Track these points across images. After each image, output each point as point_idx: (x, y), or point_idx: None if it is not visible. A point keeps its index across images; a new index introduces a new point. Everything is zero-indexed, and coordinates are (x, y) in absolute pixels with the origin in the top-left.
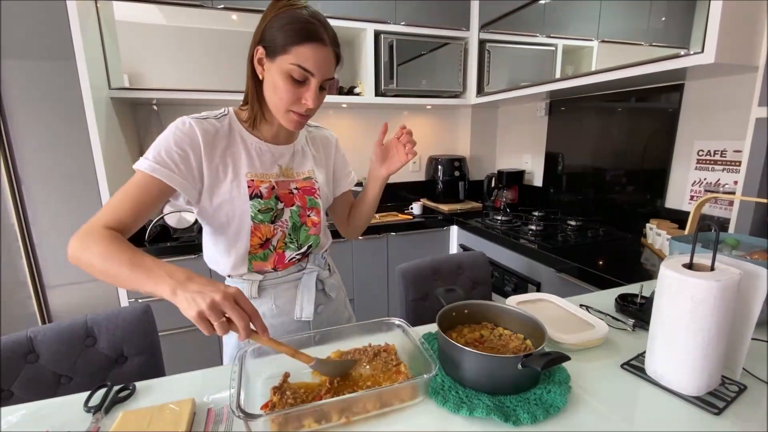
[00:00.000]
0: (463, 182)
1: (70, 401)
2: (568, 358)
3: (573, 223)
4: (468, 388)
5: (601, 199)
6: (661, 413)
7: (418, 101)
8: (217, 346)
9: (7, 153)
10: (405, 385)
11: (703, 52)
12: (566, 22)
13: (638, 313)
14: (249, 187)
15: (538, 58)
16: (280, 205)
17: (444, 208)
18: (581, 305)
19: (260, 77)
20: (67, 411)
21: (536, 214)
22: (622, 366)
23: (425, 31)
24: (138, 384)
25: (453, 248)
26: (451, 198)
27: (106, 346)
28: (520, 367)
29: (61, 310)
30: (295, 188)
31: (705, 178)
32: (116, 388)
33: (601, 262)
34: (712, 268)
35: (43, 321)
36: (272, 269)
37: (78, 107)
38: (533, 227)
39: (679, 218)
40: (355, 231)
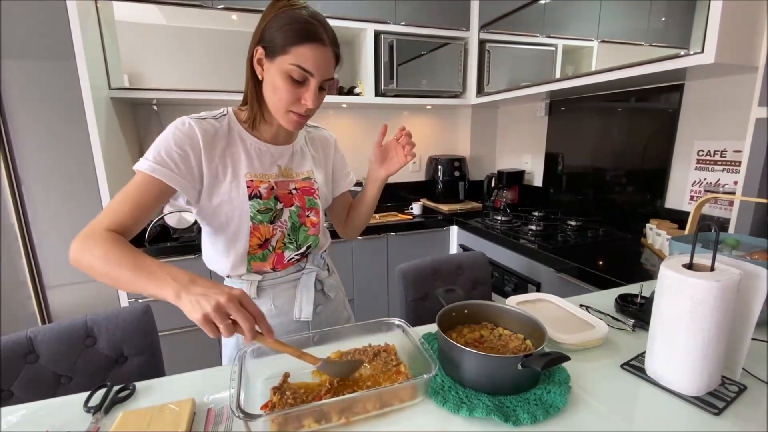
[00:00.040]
0: (463, 182)
1: (70, 401)
2: (567, 359)
3: (573, 223)
4: (468, 389)
5: (601, 199)
6: (661, 413)
7: (418, 101)
8: (217, 346)
9: (7, 153)
10: (405, 385)
11: (703, 52)
12: (566, 22)
13: (638, 313)
14: (248, 187)
15: (538, 58)
16: (279, 206)
17: (444, 208)
18: (581, 305)
19: (260, 77)
20: (67, 411)
21: (536, 214)
22: (622, 366)
23: (425, 31)
24: (138, 384)
25: (453, 248)
26: (451, 198)
27: (106, 346)
28: (519, 367)
29: (61, 310)
30: (294, 188)
31: (705, 179)
32: (116, 389)
33: (601, 262)
34: (712, 269)
35: (43, 321)
36: (271, 269)
37: (78, 107)
38: (533, 227)
39: (679, 218)
40: (354, 231)
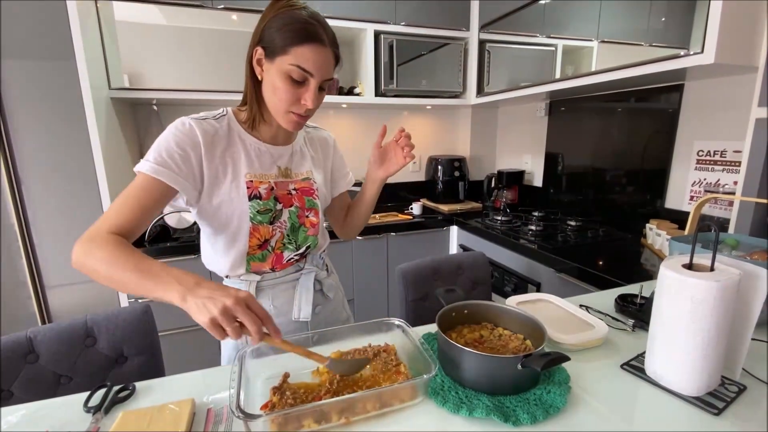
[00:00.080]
0: (463, 182)
1: (70, 401)
2: (567, 359)
3: (573, 224)
4: (468, 389)
5: (601, 200)
6: (661, 413)
7: (418, 101)
8: (217, 346)
9: (7, 153)
10: (405, 385)
11: (702, 52)
12: (566, 22)
13: (638, 313)
14: (248, 188)
15: (538, 59)
16: (279, 206)
17: (444, 208)
18: (581, 305)
19: (259, 78)
20: (67, 411)
21: (536, 214)
22: (622, 366)
23: (425, 32)
24: (138, 384)
25: (453, 248)
26: (451, 198)
27: (106, 346)
28: (519, 367)
29: (61, 310)
30: (294, 189)
31: (705, 179)
32: (116, 389)
33: (601, 263)
34: (712, 269)
35: (43, 321)
36: (270, 270)
37: (78, 107)
38: (533, 227)
39: (679, 218)
40: (352, 232)
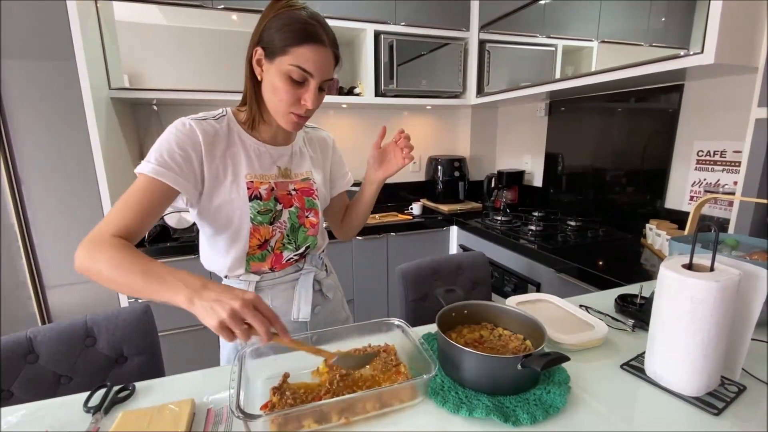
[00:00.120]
0: (463, 182)
1: (70, 401)
2: (567, 359)
3: (573, 224)
4: (467, 389)
5: (601, 200)
6: (661, 414)
7: (418, 101)
8: (217, 346)
9: (7, 153)
10: (404, 385)
11: (702, 52)
12: (566, 22)
13: (638, 313)
14: (248, 188)
15: (538, 59)
16: (279, 207)
17: (444, 208)
18: (581, 306)
19: (259, 78)
20: (67, 411)
21: (536, 214)
22: (622, 366)
23: (425, 32)
24: (138, 384)
25: (453, 248)
26: (451, 198)
27: (106, 347)
28: (519, 367)
29: (61, 311)
30: (294, 189)
31: (705, 179)
32: (116, 389)
33: (600, 263)
34: (712, 269)
35: (43, 321)
36: (269, 270)
37: (78, 107)
38: (533, 227)
39: (679, 219)
40: (350, 232)
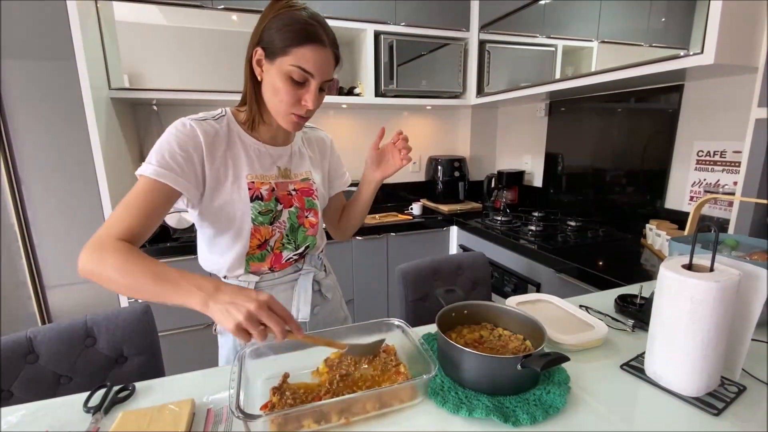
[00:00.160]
0: (463, 183)
1: (70, 401)
2: (567, 359)
3: (573, 224)
4: (467, 389)
5: (601, 200)
6: (661, 414)
7: (418, 102)
8: (217, 346)
9: (7, 153)
10: (404, 385)
11: (702, 52)
12: (566, 22)
13: (638, 313)
14: (249, 189)
15: (538, 59)
16: (279, 207)
17: (444, 208)
18: (581, 306)
19: (259, 78)
20: (67, 411)
21: (536, 214)
22: (622, 367)
23: (425, 32)
24: (138, 384)
25: (453, 249)
26: (451, 198)
27: (106, 347)
28: (519, 367)
29: (61, 310)
30: (294, 189)
31: (705, 179)
32: (116, 389)
33: (600, 263)
34: (712, 269)
35: (43, 321)
36: (269, 270)
37: (78, 107)
38: (533, 228)
39: (679, 219)
40: (347, 232)
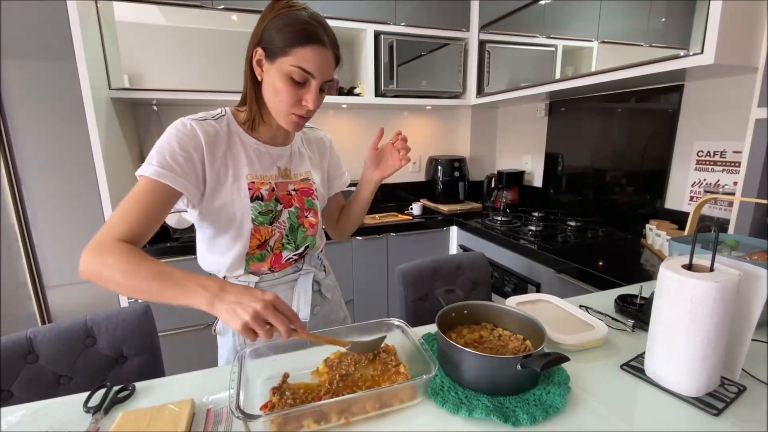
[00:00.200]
0: (463, 183)
1: (70, 401)
2: (567, 359)
3: (573, 224)
4: (467, 389)
5: (601, 200)
6: (661, 414)
7: (418, 102)
8: (216, 347)
9: (7, 153)
10: (404, 385)
11: (702, 52)
12: (566, 22)
13: (638, 313)
14: (249, 189)
15: (538, 59)
16: (279, 207)
17: (444, 208)
18: (581, 306)
19: (259, 78)
20: (67, 411)
21: (536, 214)
22: (622, 367)
23: (425, 32)
24: (137, 384)
25: (453, 249)
26: (451, 198)
27: (106, 347)
28: (519, 367)
29: (61, 311)
30: (293, 189)
31: (705, 179)
32: (116, 389)
33: (600, 263)
34: (712, 269)
35: (43, 321)
36: (269, 270)
37: (78, 107)
38: (533, 228)
39: (679, 219)
40: (345, 232)
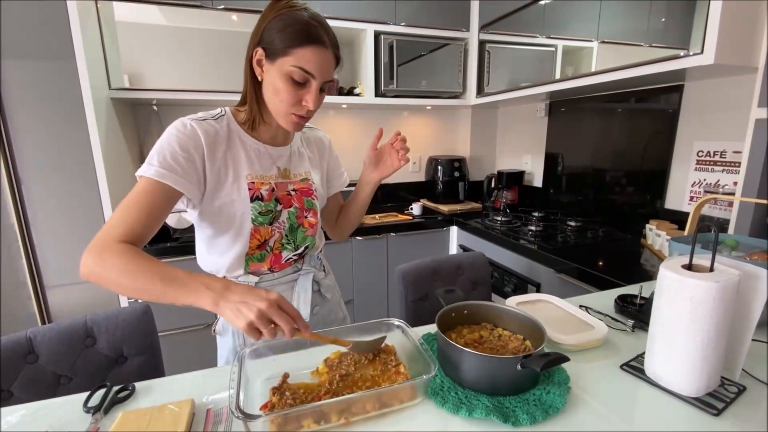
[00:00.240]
0: (463, 183)
1: (70, 401)
2: (567, 359)
3: (573, 224)
4: (467, 389)
5: (601, 200)
6: (661, 414)
7: (418, 102)
8: (216, 347)
9: (7, 153)
10: (404, 385)
11: (702, 53)
12: (566, 22)
13: (638, 313)
14: (249, 189)
15: (538, 59)
16: (279, 207)
17: (444, 208)
18: (581, 306)
19: (259, 78)
20: (67, 411)
21: (536, 214)
22: (622, 367)
23: (425, 32)
24: (137, 384)
25: (453, 249)
26: (451, 198)
27: (106, 347)
28: (519, 367)
29: (61, 310)
30: (293, 190)
31: (705, 179)
32: (116, 389)
33: (600, 263)
34: (712, 269)
35: (43, 321)
36: (268, 270)
37: (78, 107)
38: (533, 228)
39: (679, 219)
40: (344, 232)
